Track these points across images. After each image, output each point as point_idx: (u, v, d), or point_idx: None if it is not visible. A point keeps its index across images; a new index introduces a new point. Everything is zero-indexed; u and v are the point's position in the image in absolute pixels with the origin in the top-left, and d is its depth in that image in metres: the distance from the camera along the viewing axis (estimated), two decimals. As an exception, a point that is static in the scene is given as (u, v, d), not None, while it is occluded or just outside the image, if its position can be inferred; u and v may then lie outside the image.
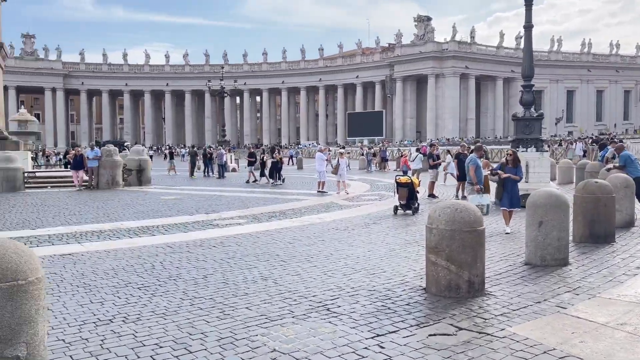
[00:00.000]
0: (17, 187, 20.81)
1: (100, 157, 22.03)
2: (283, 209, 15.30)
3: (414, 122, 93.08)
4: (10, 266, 3.25)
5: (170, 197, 18.93)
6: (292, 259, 8.53)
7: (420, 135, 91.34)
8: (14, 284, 3.24)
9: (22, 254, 3.38)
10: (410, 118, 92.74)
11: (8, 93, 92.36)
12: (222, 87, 49.25)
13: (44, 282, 3.53)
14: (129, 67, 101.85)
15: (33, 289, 3.35)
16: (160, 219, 13.23)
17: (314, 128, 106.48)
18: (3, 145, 24.45)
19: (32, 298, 3.34)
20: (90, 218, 13.30)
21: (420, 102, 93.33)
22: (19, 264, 3.31)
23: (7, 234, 10.85)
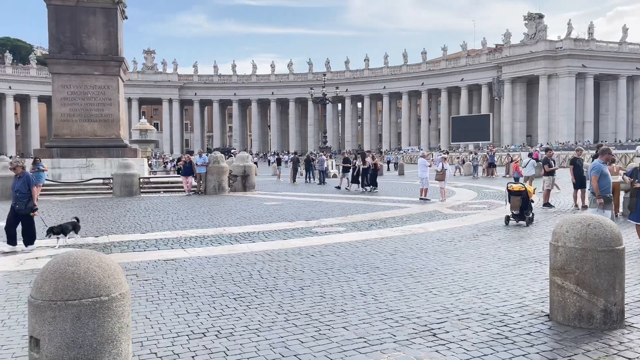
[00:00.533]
0: (133, 192, 22.22)
1: (207, 164, 22.92)
2: (384, 217, 14.74)
3: (523, 125, 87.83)
4: (94, 281, 3.07)
5: (272, 203, 19.12)
6: (393, 272, 7.97)
7: (531, 139, 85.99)
8: (97, 299, 3.05)
9: (107, 268, 3.19)
10: (520, 121, 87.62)
11: (132, 104, 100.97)
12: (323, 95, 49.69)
13: (129, 298, 3.32)
14: (238, 78, 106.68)
15: (116, 305, 3.15)
16: (261, 224, 13.26)
17: (416, 133, 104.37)
18: (123, 152, 26.33)
19: (116, 315, 3.14)
20: (196, 223, 13.66)
21: (530, 104, 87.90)
22: (103, 278, 3.12)
23: (119, 237, 11.39)
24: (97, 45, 26.34)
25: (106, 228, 12.91)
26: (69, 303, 2.99)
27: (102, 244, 10.53)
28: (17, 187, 10.11)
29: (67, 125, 25.95)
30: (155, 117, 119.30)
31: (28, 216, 10.06)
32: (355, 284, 7.28)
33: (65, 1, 25.73)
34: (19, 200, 10.07)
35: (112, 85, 26.48)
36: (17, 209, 10.08)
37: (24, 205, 10.06)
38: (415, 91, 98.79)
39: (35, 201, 10.25)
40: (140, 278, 7.61)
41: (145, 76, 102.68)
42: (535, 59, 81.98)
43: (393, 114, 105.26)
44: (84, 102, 25.99)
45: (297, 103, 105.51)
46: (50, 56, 26.27)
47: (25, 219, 10.06)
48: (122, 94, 27.79)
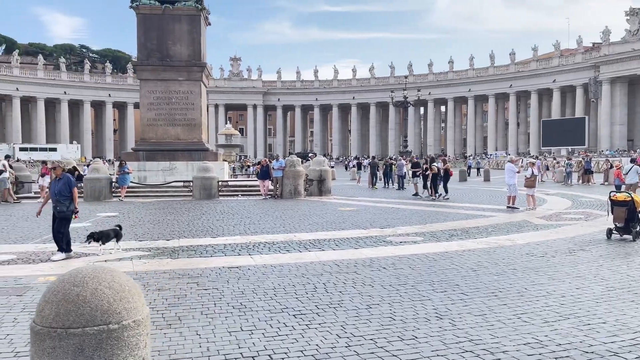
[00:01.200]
0: (212, 195, 22.50)
1: (284, 168, 22.75)
2: (466, 227, 13.63)
3: (624, 129, 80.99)
4: (102, 305, 2.58)
5: (348, 208, 18.49)
6: (475, 292, 7.03)
7: (632, 144, 79.17)
8: (104, 328, 2.54)
9: (119, 289, 2.68)
10: (620, 124, 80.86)
11: (218, 110, 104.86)
12: (405, 98, 48.45)
13: (147, 325, 2.79)
14: (319, 83, 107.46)
15: (129, 335, 2.63)
16: (333, 231, 12.66)
17: (503, 137, 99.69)
18: (204, 156, 26.86)
19: (128, 347, 2.62)
20: (267, 228, 13.33)
21: (632, 106, 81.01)
22: (113, 302, 2.61)
23: (189, 242, 11.24)
24: (182, 51, 27.15)
25: (179, 231, 12.89)
26: (71, 332, 2.51)
27: (170, 248, 10.40)
28: (58, 189, 9.71)
29: (152, 129, 26.92)
30: (241, 123, 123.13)
31: (67, 219, 9.68)
32: (431, 304, 6.45)
33: (152, 10, 26.77)
34: (60, 203, 9.67)
35: (195, 90, 27.16)
36: (58, 210, 9.68)
37: (66, 208, 9.67)
38: (503, 93, 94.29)
39: (76, 204, 9.86)
40: (200, 287, 7.25)
41: (231, 83, 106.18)
42: (638, 57, 75.40)
43: (478, 118, 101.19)
44: (168, 107, 26.85)
45: (378, 107, 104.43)
46: (138, 63, 27.43)
47: (64, 222, 9.64)
48: (204, 99, 28.44)
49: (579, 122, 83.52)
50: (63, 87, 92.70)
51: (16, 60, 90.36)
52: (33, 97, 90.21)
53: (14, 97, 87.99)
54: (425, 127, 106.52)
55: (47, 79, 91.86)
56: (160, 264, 8.83)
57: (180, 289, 7.12)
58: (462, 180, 41.75)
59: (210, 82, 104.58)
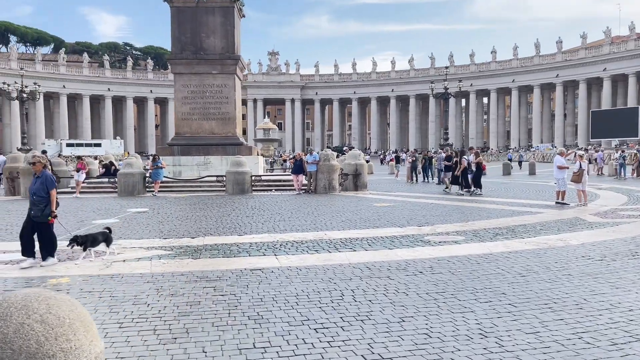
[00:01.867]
0: (245, 190, 22.06)
1: (318, 162, 22.06)
2: (511, 225, 12.60)
3: (681, 119, 76.55)
4: (28, 347, 1.92)
5: (384, 204, 17.65)
6: (525, 302, 6.15)
7: (691, 135, 74.77)
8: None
9: (55, 324, 2.02)
10: (677, 115, 76.47)
11: (257, 104, 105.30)
12: (445, 89, 46.95)
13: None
14: (357, 76, 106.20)
15: (65, 386, 1.96)
16: (366, 229, 11.88)
17: (549, 129, 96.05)
18: (238, 150, 26.50)
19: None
20: (297, 225, 12.67)
21: (691, 95, 76.50)
22: (44, 342, 1.96)
23: (214, 240, 10.70)
24: (215, 44, 26.80)
25: (206, 228, 12.40)
26: (-18, 384, 1.87)
27: (194, 247, 9.87)
28: (35, 188, 8.54)
29: (187, 123, 26.72)
30: (279, 117, 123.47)
31: (46, 224, 8.52)
32: (473, 317, 5.63)
33: (186, 2, 26.51)
34: (35, 205, 8.50)
35: (229, 83, 26.78)
36: (32, 214, 8.53)
37: (40, 212, 8.44)
38: (549, 84, 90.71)
39: (54, 206, 8.59)
40: (217, 292, 6.64)
41: (269, 77, 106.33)
42: (697, 42, 71.03)
43: (523, 109, 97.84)
44: (202, 101, 26.58)
45: (417, 99, 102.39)
46: (172, 57, 27.24)
47: (43, 227, 8.52)
48: (238, 92, 28.07)
49: (632, 112, 79.36)
50: (107, 84, 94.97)
51: (63, 59, 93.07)
52: (79, 94, 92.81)
53: (61, 95, 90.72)
54: (467, 120, 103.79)
55: (92, 76, 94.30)
56: (179, 264, 8.29)
57: (194, 294, 6.54)
58: (505, 174, 40.14)
59: (249, 77, 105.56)
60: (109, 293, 6.60)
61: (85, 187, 23.40)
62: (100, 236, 8.84)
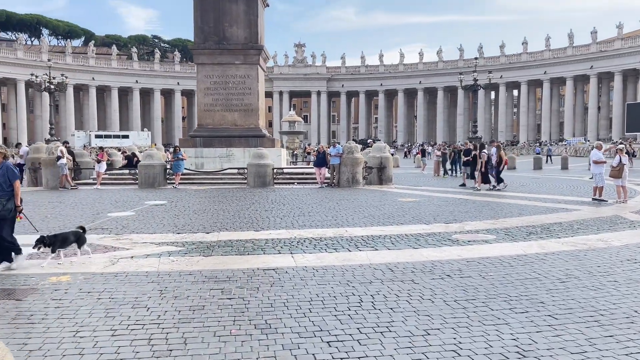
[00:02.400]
0: (266, 182, 21.57)
1: (341, 155, 21.40)
2: (546, 222, 11.77)
3: None
4: None
5: (409, 199, 16.92)
6: (567, 314, 5.45)
7: None
8: None
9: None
10: None
11: (282, 97, 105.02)
12: (475, 80, 45.64)
13: None
14: (384, 68, 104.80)
15: None
16: (390, 226, 11.22)
17: (582, 122, 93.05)
18: (261, 142, 26.02)
19: None
20: (317, 221, 12.09)
21: None
22: None
23: (229, 235, 10.20)
24: (238, 33, 26.29)
25: (222, 222, 11.92)
26: None
27: (207, 243, 9.39)
28: None
29: (210, 115, 26.35)
30: (305, 110, 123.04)
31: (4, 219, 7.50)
32: (508, 330, 4.96)
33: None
34: None
35: (252, 74, 26.27)
36: None
37: (2, 206, 7.43)
38: (582, 75, 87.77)
39: (18, 200, 7.61)
40: (224, 295, 6.11)
41: (295, 69, 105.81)
42: None
43: (554, 102, 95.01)
44: (225, 92, 26.15)
45: (445, 92, 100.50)
46: (195, 47, 26.82)
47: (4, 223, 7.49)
48: (261, 83, 27.54)
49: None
50: (135, 76, 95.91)
51: (92, 51, 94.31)
52: (107, 86, 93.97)
53: (90, 87, 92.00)
54: (496, 112, 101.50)
55: (120, 68, 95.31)
56: (189, 262, 7.80)
57: (200, 297, 6.02)
58: (536, 169, 38.86)
59: (275, 69, 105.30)
60: (109, 294, 6.14)
61: (107, 178, 23.27)
62: (71, 236, 7.96)
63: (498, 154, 20.65)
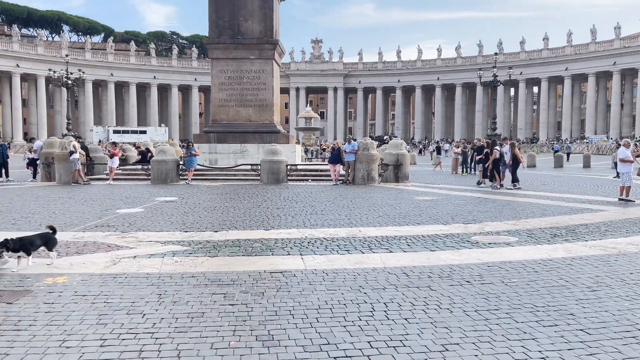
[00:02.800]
0: (280, 179, 21.19)
1: (356, 151, 20.92)
2: (570, 224, 11.18)
3: None
4: None
5: (426, 197, 16.39)
6: (600, 329, 4.94)
7: None
8: None
9: None
10: None
11: (299, 93, 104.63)
12: (494, 76, 44.70)
13: None
14: (402, 64, 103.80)
15: None
16: (406, 227, 10.74)
17: (604, 120, 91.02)
18: (275, 138, 25.65)
19: None
20: (330, 220, 11.65)
21: None
22: None
23: (238, 234, 9.82)
24: (253, 28, 25.92)
25: (232, 220, 11.55)
26: None
27: (214, 242, 9.02)
28: None
29: (224, 110, 26.05)
30: (322, 106, 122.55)
31: None
32: (536, 347, 4.47)
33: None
34: None
35: (267, 69, 25.90)
36: None
37: None
38: (605, 72, 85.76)
39: None
40: (227, 301, 5.71)
41: (312, 65, 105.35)
42: None
43: (576, 99, 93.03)
44: (239, 87, 25.82)
45: (464, 88, 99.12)
46: (210, 41, 26.53)
47: None
48: (276, 79, 27.16)
49: (697, 102, 74.25)
50: (153, 72, 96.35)
51: (111, 47, 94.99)
52: (126, 82, 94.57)
53: (109, 82, 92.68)
54: (516, 110, 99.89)
55: (138, 64, 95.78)
56: (193, 263, 7.43)
57: (200, 302, 5.63)
58: (557, 167, 38.00)
59: (292, 65, 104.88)
60: (105, 298, 5.78)
61: (120, 173, 23.11)
62: (38, 239, 7.25)
63: (512, 152, 19.95)
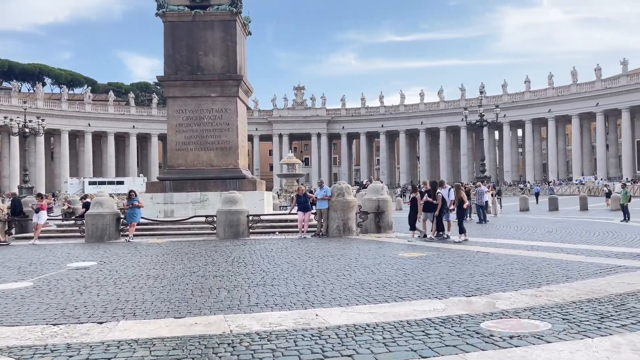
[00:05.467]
0: (239, 232, 17.83)
1: (330, 198, 17.83)
2: (611, 292, 8.08)
3: None
4: None
5: (413, 253, 13.23)
6: None
7: None
8: None
9: None
10: None
11: (282, 140, 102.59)
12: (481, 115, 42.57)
13: None
14: (385, 109, 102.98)
15: None
16: (384, 304, 7.52)
17: (590, 161, 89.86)
18: (241, 184, 22.58)
19: None
20: (280, 294, 8.38)
21: None
22: None
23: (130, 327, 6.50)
24: (215, 63, 23.28)
25: (140, 300, 8.23)
26: None
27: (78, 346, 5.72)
28: None
29: (182, 154, 23.02)
30: (306, 152, 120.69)
31: None
32: None
33: (181, 16, 23.18)
34: None
35: (230, 108, 23.09)
36: None
37: None
38: (588, 113, 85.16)
39: None
40: None
41: (295, 112, 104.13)
42: None
43: (560, 140, 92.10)
44: (199, 128, 22.91)
45: (448, 132, 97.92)
46: (165, 78, 23.71)
47: None
48: (242, 118, 24.34)
49: (682, 141, 73.19)
50: (132, 122, 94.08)
51: (89, 97, 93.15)
52: (104, 131, 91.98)
53: (86, 133, 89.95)
54: (501, 152, 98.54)
55: (116, 113, 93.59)
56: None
57: None
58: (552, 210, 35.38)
59: (274, 113, 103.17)
60: None
61: (55, 230, 19.71)
62: None
63: (457, 196, 16.56)
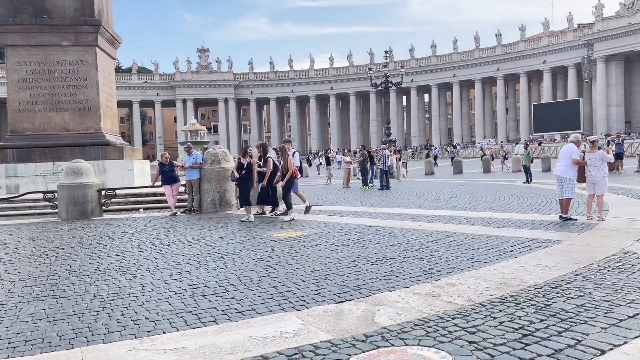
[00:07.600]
0: (87, 211, 14.27)
1: (201, 166, 14.83)
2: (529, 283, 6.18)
3: (621, 110, 75.02)
4: None
5: (292, 232, 10.72)
6: None
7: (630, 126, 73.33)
8: None
9: None
10: (617, 106, 74.79)
11: (187, 105, 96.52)
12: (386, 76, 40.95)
13: None
14: (295, 73, 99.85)
15: None
16: (196, 332, 4.91)
17: (491, 125, 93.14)
18: (104, 152, 18.92)
19: None
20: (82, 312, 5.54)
21: (629, 86, 75.10)
22: None
23: None
24: (65, 4, 19.05)
25: None
26: None
27: None
28: None
29: (28, 116, 18.85)
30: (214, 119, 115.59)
31: None
32: None
33: (18, -57, 18.69)
34: None
35: (88, 59, 19.12)
36: None
37: None
38: (490, 78, 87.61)
39: None
40: None
41: (199, 76, 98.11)
42: (634, 31, 69.12)
43: (464, 105, 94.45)
44: (49, 85, 18.80)
45: (358, 97, 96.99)
46: (2, 21, 19.15)
47: None
48: (107, 73, 20.43)
49: (573, 104, 77.12)
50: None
51: None
52: None
53: None
54: (409, 117, 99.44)
55: None
56: None
57: None
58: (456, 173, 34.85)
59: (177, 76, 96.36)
60: None
61: None
62: None
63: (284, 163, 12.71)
